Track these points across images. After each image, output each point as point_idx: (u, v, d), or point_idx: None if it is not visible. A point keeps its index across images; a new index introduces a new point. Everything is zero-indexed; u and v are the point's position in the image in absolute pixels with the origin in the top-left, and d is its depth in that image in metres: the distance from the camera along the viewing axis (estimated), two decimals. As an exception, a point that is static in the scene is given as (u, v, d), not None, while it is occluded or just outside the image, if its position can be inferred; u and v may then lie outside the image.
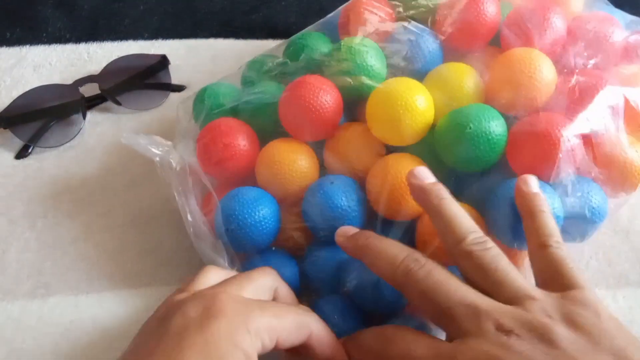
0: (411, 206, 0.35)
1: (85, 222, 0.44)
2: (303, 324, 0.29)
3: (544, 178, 0.34)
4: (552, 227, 0.31)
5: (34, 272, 0.42)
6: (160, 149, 0.39)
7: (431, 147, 0.37)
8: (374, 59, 0.39)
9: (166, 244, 0.43)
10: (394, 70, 0.40)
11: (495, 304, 0.27)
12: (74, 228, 0.44)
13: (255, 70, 0.44)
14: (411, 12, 0.42)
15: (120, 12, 0.57)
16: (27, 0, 0.58)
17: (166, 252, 0.42)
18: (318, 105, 0.37)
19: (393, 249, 0.31)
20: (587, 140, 0.35)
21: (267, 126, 0.40)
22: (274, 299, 0.32)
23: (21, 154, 0.48)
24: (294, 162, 0.37)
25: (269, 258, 0.37)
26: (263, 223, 0.35)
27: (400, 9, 0.42)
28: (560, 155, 0.33)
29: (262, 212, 0.36)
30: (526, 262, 0.34)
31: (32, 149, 0.48)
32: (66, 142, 0.48)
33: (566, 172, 0.34)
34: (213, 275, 0.32)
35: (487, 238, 0.30)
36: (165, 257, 0.42)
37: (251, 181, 0.39)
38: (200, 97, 0.43)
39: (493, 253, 0.29)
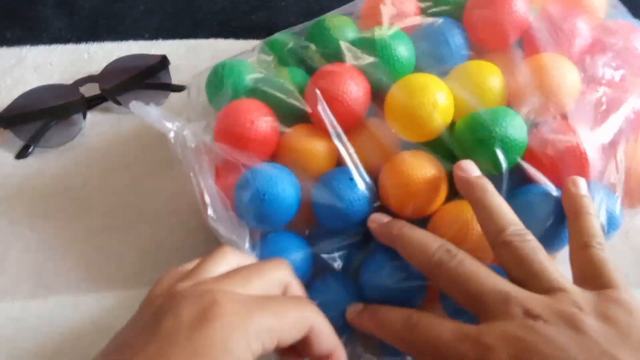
0: (420, 206, 0.35)
1: (85, 222, 0.44)
2: (304, 320, 0.28)
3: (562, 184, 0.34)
4: (596, 228, 0.31)
5: (34, 272, 0.42)
6: (174, 124, 0.37)
7: (447, 145, 0.36)
8: (404, 51, 0.38)
9: (166, 244, 0.43)
10: (421, 64, 0.39)
11: (527, 293, 0.28)
12: (74, 228, 0.44)
13: (276, 50, 0.43)
14: (440, 7, 0.41)
15: (121, 12, 0.57)
16: (27, 0, 0.58)
17: (166, 252, 0.42)
18: (347, 96, 0.37)
19: (426, 239, 0.32)
20: (607, 151, 0.35)
21: (288, 112, 0.39)
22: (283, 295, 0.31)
23: (21, 154, 0.48)
24: (314, 149, 0.37)
25: (282, 239, 0.36)
26: (292, 199, 0.35)
27: (429, 3, 0.42)
28: (583, 165, 0.33)
29: (292, 188, 0.35)
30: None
31: (33, 149, 0.48)
32: (66, 142, 0.48)
33: (587, 181, 0.34)
34: (229, 259, 0.30)
35: (527, 231, 0.31)
36: (165, 257, 0.42)
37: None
38: (218, 75, 0.41)
39: (532, 245, 0.30)
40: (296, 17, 0.57)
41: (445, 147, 0.36)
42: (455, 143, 0.36)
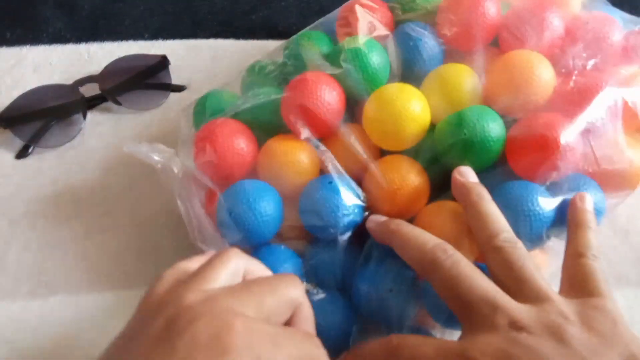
0: (407, 207, 0.35)
1: (85, 222, 0.44)
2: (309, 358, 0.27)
3: (542, 179, 0.35)
4: (594, 242, 0.32)
5: (34, 272, 0.42)
6: (162, 155, 0.39)
7: (429, 148, 0.37)
8: (377, 60, 0.39)
9: (166, 244, 0.43)
10: (395, 72, 0.40)
11: (513, 303, 0.28)
12: (74, 228, 0.44)
13: (255, 74, 0.44)
14: (410, 14, 0.42)
15: (121, 12, 0.57)
16: (27, 0, 0.58)
17: (166, 252, 0.42)
18: (321, 103, 0.37)
19: (423, 236, 0.32)
20: (586, 140, 0.35)
21: (267, 126, 0.40)
22: (292, 318, 0.29)
23: (21, 154, 0.48)
24: (295, 158, 0.37)
25: (274, 253, 0.36)
26: (265, 214, 0.35)
27: (399, 11, 0.42)
28: (559, 157, 0.34)
29: (265, 203, 0.35)
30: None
31: (33, 149, 0.48)
32: (66, 142, 0.48)
33: (565, 172, 0.34)
34: (235, 262, 0.29)
35: (517, 239, 0.31)
36: (165, 257, 0.42)
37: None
38: (201, 104, 0.43)
39: (522, 252, 0.30)
40: (296, 17, 0.57)
41: (424, 154, 0.37)
42: (436, 145, 0.36)
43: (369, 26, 0.41)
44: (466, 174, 0.34)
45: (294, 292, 0.29)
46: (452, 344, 0.28)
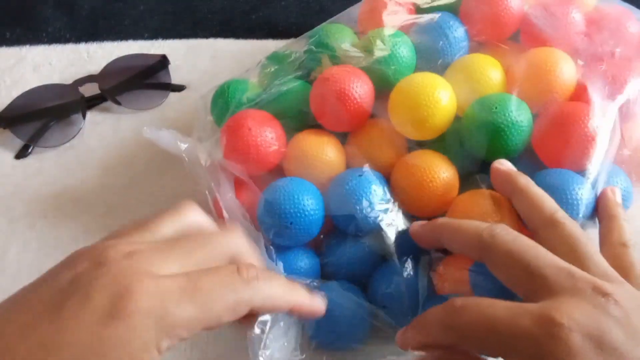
0: (435, 202, 0.35)
1: (85, 222, 0.44)
2: (239, 304, 0.25)
3: (574, 166, 0.34)
4: (630, 233, 0.32)
5: (34, 272, 0.41)
6: (186, 145, 0.38)
7: (455, 141, 0.37)
8: (405, 51, 0.39)
9: (166, 244, 0.43)
10: (421, 60, 0.40)
11: (587, 274, 0.26)
12: (74, 228, 0.44)
13: (277, 62, 0.43)
14: (434, 4, 0.42)
15: (120, 12, 0.57)
16: (27, 0, 0.58)
17: (166, 252, 0.42)
18: (353, 95, 0.37)
19: (475, 222, 0.31)
20: (616, 128, 0.35)
21: (294, 117, 0.40)
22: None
23: (21, 154, 0.48)
24: (323, 153, 0.37)
25: (295, 250, 0.36)
26: (312, 209, 0.35)
27: (424, 2, 0.42)
28: (590, 146, 0.34)
29: (310, 199, 0.35)
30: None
31: (32, 149, 0.48)
32: (66, 142, 0.48)
33: (597, 159, 0.34)
34: (186, 217, 0.28)
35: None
36: (165, 257, 0.42)
37: (278, 174, 0.38)
38: (222, 94, 0.42)
39: (582, 231, 0.29)
40: (296, 17, 0.57)
41: (451, 144, 0.37)
42: (463, 131, 0.36)
43: (396, 16, 0.41)
44: (508, 164, 0.34)
45: (229, 243, 0.27)
46: (527, 306, 0.25)
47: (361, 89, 0.37)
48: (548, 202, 0.31)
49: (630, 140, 0.36)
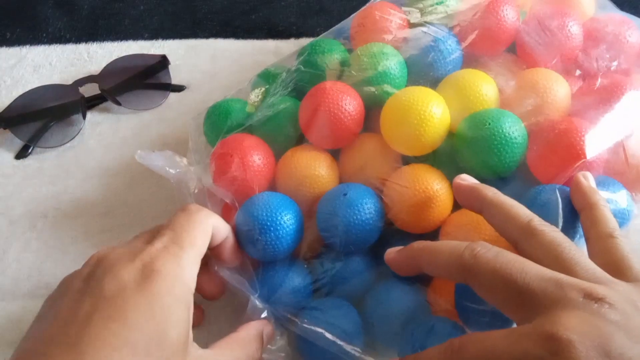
0: (431, 218, 0.34)
1: (85, 222, 0.44)
2: (208, 226, 0.32)
3: (568, 183, 0.34)
4: (614, 221, 0.30)
5: (34, 272, 0.42)
6: (177, 169, 0.38)
7: (448, 156, 0.36)
8: (395, 66, 0.38)
9: (166, 244, 0.43)
10: (415, 77, 0.39)
11: (576, 279, 0.25)
12: (74, 228, 0.44)
13: (267, 81, 0.43)
14: (428, 17, 0.41)
15: (120, 12, 0.57)
16: (27, 0, 0.58)
17: (166, 252, 0.42)
18: (341, 112, 0.36)
19: (453, 243, 0.30)
20: (616, 140, 0.35)
21: (284, 136, 0.39)
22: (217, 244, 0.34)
23: (21, 154, 0.48)
24: (313, 169, 0.37)
25: (285, 270, 0.35)
26: (287, 225, 0.34)
27: (418, 15, 0.41)
28: (585, 162, 0.33)
29: (286, 214, 0.35)
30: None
31: (32, 149, 0.48)
32: (66, 142, 0.48)
33: (593, 175, 0.33)
34: (205, 223, 0.32)
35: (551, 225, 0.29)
36: (165, 257, 0.42)
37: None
38: (214, 114, 0.42)
39: (563, 236, 0.28)
40: (296, 17, 0.57)
41: (444, 158, 0.36)
42: (456, 147, 0.36)
43: (387, 31, 0.40)
44: (469, 178, 0.33)
45: (209, 221, 0.32)
46: (523, 329, 0.25)
47: (350, 106, 0.37)
48: (522, 210, 0.30)
49: (633, 156, 0.35)
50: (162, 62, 0.52)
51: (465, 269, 0.28)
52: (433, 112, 0.35)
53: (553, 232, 0.28)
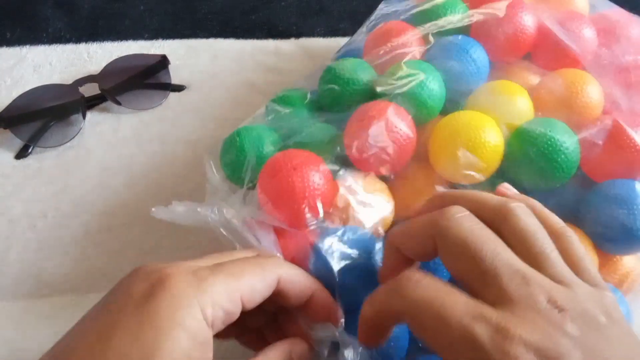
0: None
1: (85, 222, 0.44)
2: (267, 274, 0.27)
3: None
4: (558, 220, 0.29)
5: (34, 272, 0.42)
6: (212, 211, 0.32)
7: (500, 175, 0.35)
8: (433, 81, 0.36)
9: (166, 244, 0.43)
10: (450, 92, 0.37)
11: (545, 279, 0.24)
12: (74, 228, 0.44)
13: (290, 104, 0.40)
14: (443, 29, 0.39)
15: (120, 12, 0.57)
16: (27, 0, 0.58)
17: (166, 252, 0.42)
18: (400, 135, 0.33)
19: (430, 213, 0.28)
20: None
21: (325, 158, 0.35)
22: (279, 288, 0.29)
23: (21, 154, 0.48)
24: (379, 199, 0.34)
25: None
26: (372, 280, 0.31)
27: (432, 28, 0.40)
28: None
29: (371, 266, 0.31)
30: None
31: (32, 149, 0.48)
32: (66, 142, 0.48)
33: None
34: (268, 270, 0.28)
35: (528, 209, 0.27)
36: (165, 257, 0.42)
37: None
38: (233, 145, 0.37)
39: (538, 223, 0.27)
40: (296, 17, 0.57)
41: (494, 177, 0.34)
42: (508, 162, 0.34)
43: (408, 48, 0.39)
44: (511, 188, 0.31)
45: (275, 269, 0.28)
46: (487, 311, 0.23)
47: (404, 127, 0.33)
48: (494, 197, 0.28)
49: None
50: (162, 62, 0.52)
51: (438, 233, 0.26)
52: (489, 138, 0.33)
53: (527, 217, 0.26)
